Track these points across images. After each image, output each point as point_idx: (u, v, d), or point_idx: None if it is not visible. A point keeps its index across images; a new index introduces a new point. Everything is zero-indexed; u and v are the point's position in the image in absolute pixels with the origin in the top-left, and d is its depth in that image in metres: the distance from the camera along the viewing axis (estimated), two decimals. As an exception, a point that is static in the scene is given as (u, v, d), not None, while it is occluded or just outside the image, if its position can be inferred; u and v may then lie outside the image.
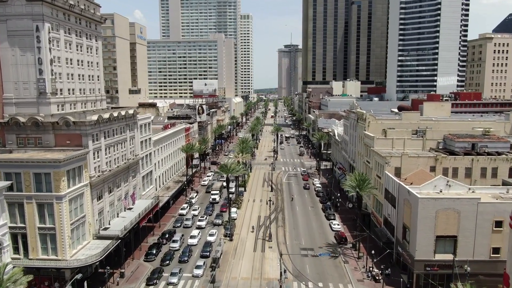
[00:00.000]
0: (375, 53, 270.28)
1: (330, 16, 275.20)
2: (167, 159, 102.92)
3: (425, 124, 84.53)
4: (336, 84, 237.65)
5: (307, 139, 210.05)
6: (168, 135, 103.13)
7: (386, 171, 70.00)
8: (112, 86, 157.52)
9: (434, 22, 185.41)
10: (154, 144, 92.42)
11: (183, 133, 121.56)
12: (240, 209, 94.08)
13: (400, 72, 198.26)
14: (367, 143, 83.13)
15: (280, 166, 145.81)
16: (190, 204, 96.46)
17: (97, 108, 74.25)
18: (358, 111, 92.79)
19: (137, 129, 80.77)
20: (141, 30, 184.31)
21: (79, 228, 57.59)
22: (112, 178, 68.76)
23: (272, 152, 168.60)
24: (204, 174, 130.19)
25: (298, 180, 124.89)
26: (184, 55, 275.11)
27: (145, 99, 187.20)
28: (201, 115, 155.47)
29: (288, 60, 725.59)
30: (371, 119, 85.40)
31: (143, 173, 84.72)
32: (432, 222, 54.46)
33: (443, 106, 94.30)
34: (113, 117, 67.49)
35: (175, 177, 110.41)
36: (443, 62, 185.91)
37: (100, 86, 76.59)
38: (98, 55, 75.59)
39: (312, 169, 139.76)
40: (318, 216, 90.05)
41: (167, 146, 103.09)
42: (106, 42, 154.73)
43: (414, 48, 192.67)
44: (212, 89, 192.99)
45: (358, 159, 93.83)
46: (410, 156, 69.99)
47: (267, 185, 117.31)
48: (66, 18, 66.76)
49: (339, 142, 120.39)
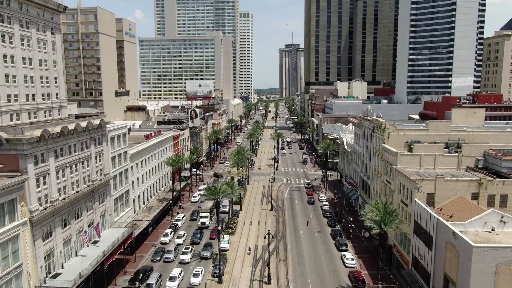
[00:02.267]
0: (382, 52, 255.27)
1: (334, 13, 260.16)
2: (149, 174, 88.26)
3: (457, 135, 69.80)
4: (341, 85, 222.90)
5: (310, 145, 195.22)
6: (150, 146, 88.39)
7: (415, 198, 55.28)
8: (95, 88, 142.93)
9: (448, 18, 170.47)
10: (132, 159, 77.77)
11: (171, 142, 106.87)
12: (234, 234, 79.34)
13: (411, 72, 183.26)
14: (388, 159, 68.38)
15: (281, 176, 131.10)
16: (175, 228, 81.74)
17: (54, 118, 59.65)
18: (374, 119, 77.96)
19: (107, 143, 66.13)
20: (130, 27, 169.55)
21: (12, 282, 42.93)
22: (68, 207, 54.14)
23: (272, 160, 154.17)
24: (196, 188, 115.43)
25: (301, 194, 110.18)
26: (179, 54, 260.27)
27: (134, 101, 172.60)
28: (194, 120, 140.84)
29: (289, 60, 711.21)
30: (391, 130, 70.62)
31: (115, 195, 70.09)
32: (490, 279, 39.75)
33: (476, 113, 79.49)
34: (68, 130, 52.83)
35: (160, 194, 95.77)
36: (458, 61, 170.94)
37: (60, 90, 61.87)
38: (56, 52, 60.88)
39: (317, 181, 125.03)
40: (327, 245, 75.29)
41: (149, 159, 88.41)
42: (88, 39, 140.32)
43: (427, 46, 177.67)
44: (207, 91, 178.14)
45: (374, 175, 79.04)
46: (447, 180, 55.22)
47: (267, 201, 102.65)
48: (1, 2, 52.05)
49: (349, 152, 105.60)
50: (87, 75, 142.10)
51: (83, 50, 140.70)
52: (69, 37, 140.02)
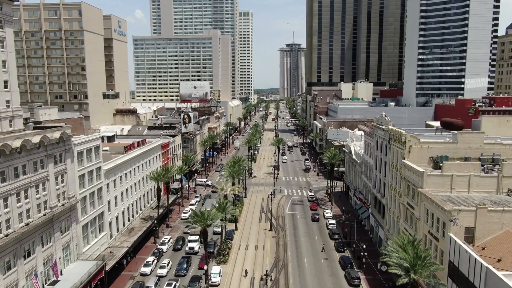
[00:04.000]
0: (388, 51, 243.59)
1: (337, 11, 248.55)
2: (131, 190, 77.13)
3: (491, 149, 58.62)
4: (345, 86, 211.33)
5: (312, 150, 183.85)
6: (132, 158, 77.18)
7: (450, 233, 44.11)
8: (80, 90, 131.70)
9: (461, 14, 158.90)
10: (108, 175, 66.66)
11: (159, 151, 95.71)
12: (228, 263, 68.16)
13: (420, 73, 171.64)
14: (410, 178, 57.15)
15: (282, 187, 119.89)
16: (159, 255, 70.52)
17: (3, 130, 48.43)
18: (391, 129, 66.67)
19: (72, 159, 54.99)
20: (120, 24, 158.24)
21: None
22: (14, 246, 43.05)
23: (272, 167, 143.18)
24: (188, 201, 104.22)
25: (304, 209, 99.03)
26: (175, 53, 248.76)
27: (125, 104, 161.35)
28: (187, 125, 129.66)
29: (290, 59, 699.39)
30: (413, 143, 59.38)
31: (85, 220, 58.97)
32: None
33: (510, 121, 68.26)
34: (10, 149, 41.71)
35: (146, 211, 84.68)
36: (471, 60, 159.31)
37: (12, 97, 50.66)
38: (6, 50, 49.68)
39: (321, 193, 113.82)
40: (336, 276, 64.04)
41: (131, 173, 77.26)
42: (72, 37, 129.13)
43: (438, 45, 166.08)
44: (203, 93, 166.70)
45: (390, 195, 67.84)
46: (491, 210, 44.02)
47: (266, 218, 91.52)
48: None
49: (358, 163, 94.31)
50: (71, 76, 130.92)
51: (66, 49, 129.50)
52: (51, 35, 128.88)
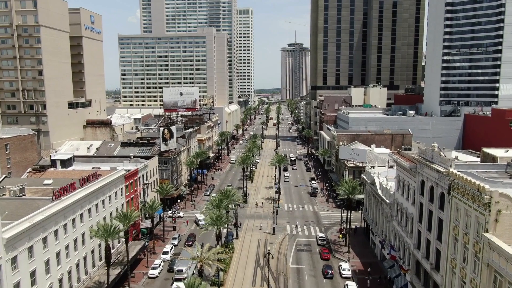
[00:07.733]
0: (401, 51, 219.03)
1: (345, 7, 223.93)
2: (64, 254, 53.21)
3: None
4: (356, 91, 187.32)
5: (319, 165, 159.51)
6: (64, 208, 53.19)
7: None
8: (37, 99, 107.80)
9: (496, 8, 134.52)
10: (12, 246, 42.83)
11: (121, 185, 71.80)
12: None
13: (445, 77, 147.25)
14: (499, 267, 33.08)
15: (284, 221, 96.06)
16: None
17: None
18: (455, 175, 42.47)
19: None
20: (93, 20, 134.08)
21: None
22: None
23: (271, 188, 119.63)
24: (163, 244, 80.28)
25: (313, 259, 75.26)
26: (165, 54, 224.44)
27: (99, 114, 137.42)
28: (167, 142, 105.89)
29: (292, 60, 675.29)
30: (502, 205, 35.40)
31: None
32: None
33: None
34: None
35: (95, 274, 60.85)
36: (507, 63, 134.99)
37: None
38: None
39: (333, 231, 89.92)
40: None
41: (65, 229, 53.41)
42: (26, 34, 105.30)
43: (466, 44, 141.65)
44: (190, 101, 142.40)
45: (451, 273, 43.71)
46: None
47: (262, 278, 67.58)
48: None
49: (386, 203, 69.99)
50: (26, 82, 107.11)
51: (19, 49, 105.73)
52: (1, 32, 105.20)
